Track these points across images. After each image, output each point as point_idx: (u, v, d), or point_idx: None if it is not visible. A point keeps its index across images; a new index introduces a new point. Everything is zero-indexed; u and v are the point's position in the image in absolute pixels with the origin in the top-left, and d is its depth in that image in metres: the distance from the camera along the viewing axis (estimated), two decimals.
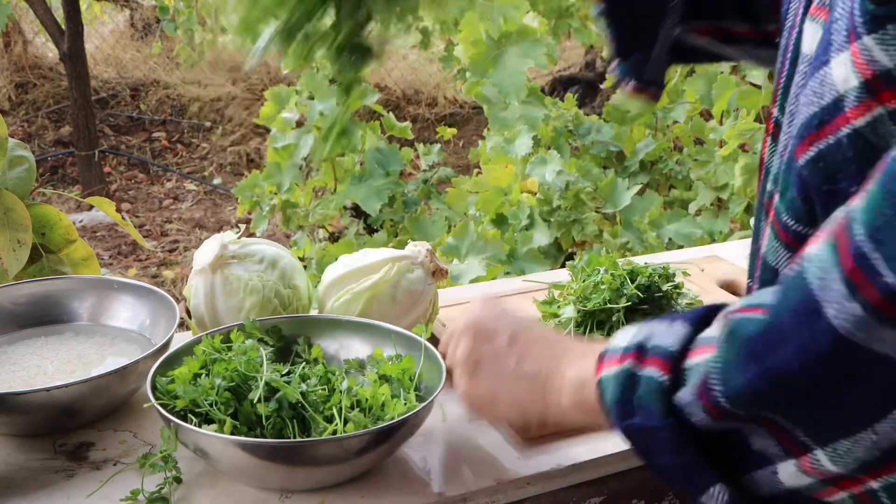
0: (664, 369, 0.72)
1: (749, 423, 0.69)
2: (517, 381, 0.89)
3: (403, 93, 7.26)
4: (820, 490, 0.69)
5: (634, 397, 0.74)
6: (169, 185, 6.10)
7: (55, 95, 6.90)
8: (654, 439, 0.73)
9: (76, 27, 5.52)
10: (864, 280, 0.59)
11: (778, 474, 0.70)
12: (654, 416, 0.72)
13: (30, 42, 7.21)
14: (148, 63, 7.43)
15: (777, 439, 0.69)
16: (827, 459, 0.66)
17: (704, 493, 0.72)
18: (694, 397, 0.70)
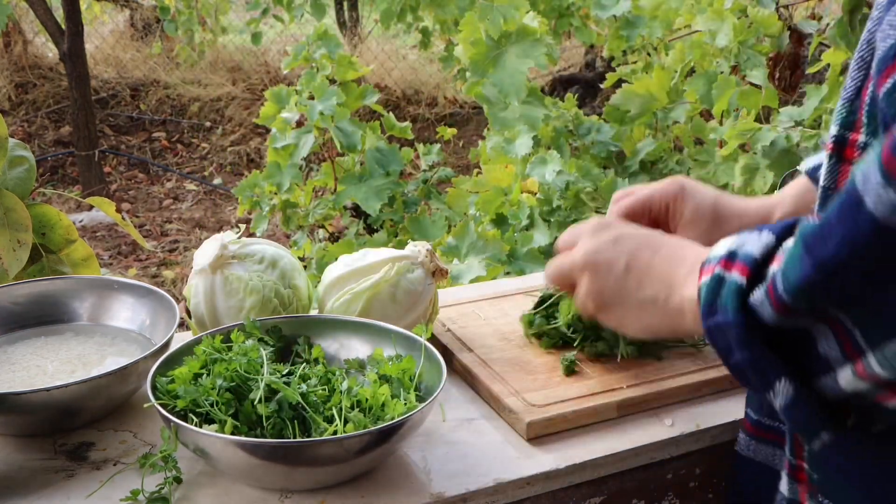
0: (745, 273, 0.79)
1: (814, 322, 0.74)
2: (641, 308, 0.95)
3: (403, 93, 7.26)
4: (876, 394, 0.74)
5: (718, 299, 0.80)
6: (169, 185, 6.11)
7: (55, 95, 6.90)
8: (730, 335, 0.78)
9: (76, 27, 5.52)
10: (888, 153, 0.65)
11: (838, 379, 0.75)
12: (729, 313, 0.78)
13: (30, 42, 7.22)
14: (148, 63, 7.44)
15: (839, 341, 0.73)
16: (876, 363, 0.71)
17: (772, 387, 0.78)
18: (764, 295, 0.76)
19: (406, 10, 5.96)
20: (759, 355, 0.77)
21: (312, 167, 4.12)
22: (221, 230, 2.96)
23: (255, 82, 7.23)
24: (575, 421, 1.09)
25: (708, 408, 1.15)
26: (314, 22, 6.32)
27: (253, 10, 6.52)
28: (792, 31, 3.33)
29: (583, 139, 3.27)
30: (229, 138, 6.72)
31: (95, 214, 5.36)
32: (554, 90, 6.51)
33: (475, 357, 1.22)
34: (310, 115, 3.31)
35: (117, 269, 4.78)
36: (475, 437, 1.08)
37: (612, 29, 3.90)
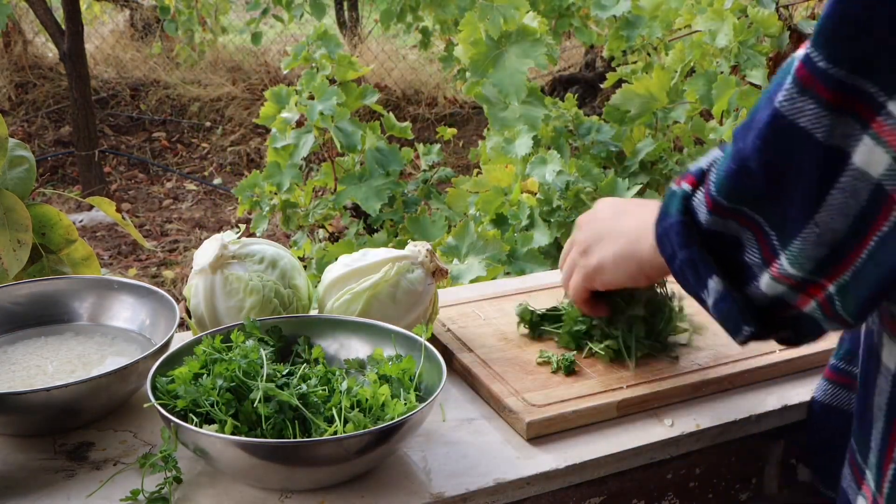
0: (691, 182, 0.85)
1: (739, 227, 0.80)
2: (619, 241, 1.05)
3: (403, 93, 7.26)
4: (795, 298, 0.79)
5: (667, 208, 0.87)
6: (169, 185, 6.10)
7: (55, 95, 6.90)
8: (673, 237, 0.85)
9: (76, 27, 5.52)
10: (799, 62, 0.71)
11: (761, 286, 0.80)
12: (673, 216, 0.85)
13: (30, 42, 7.22)
14: (148, 63, 7.44)
15: (759, 246, 0.79)
16: (787, 263, 0.76)
17: (705, 286, 0.84)
18: (701, 195, 0.82)
19: (406, 10, 5.96)
20: (695, 255, 0.83)
21: (312, 167, 4.12)
22: (221, 230, 2.96)
23: (255, 82, 7.23)
24: (575, 421, 1.09)
25: (708, 408, 1.15)
26: (314, 22, 6.32)
27: (253, 10, 6.52)
28: (792, 31, 3.33)
29: (583, 139, 3.27)
30: (229, 138, 6.72)
31: (95, 214, 5.36)
32: (554, 90, 6.51)
33: (475, 357, 1.22)
34: (310, 115, 3.30)
35: (117, 269, 4.78)
36: (475, 437, 1.08)
37: (612, 29, 3.90)
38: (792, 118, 0.71)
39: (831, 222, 0.72)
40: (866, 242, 0.71)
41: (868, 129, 0.68)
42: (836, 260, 0.73)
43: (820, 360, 1.24)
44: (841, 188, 0.70)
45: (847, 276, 0.73)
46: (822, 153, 0.70)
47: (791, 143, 0.72)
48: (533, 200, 2.82)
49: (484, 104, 3.11)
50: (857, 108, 0.68)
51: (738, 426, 1.13)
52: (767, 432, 1.17)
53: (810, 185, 0.72)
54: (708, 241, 0.83)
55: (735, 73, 3.16)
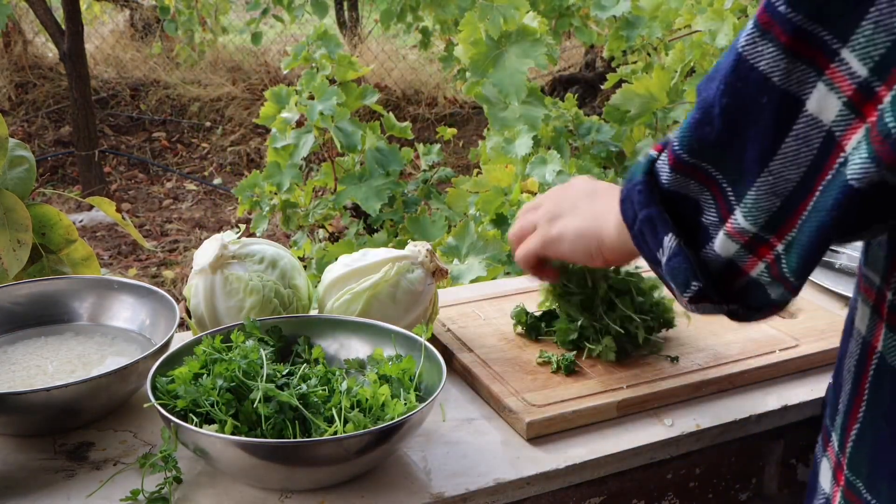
0: (658, 148, 0.86)
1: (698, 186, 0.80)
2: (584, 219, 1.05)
3: (403, 93, 7.26)
4: (745, 259, 0.79)
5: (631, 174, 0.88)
6: (169, 185, 6.11)
7: (55, 95, 6.90)
8: (634, 195, 0.86)
9: (76, 27, 5.52)
10: (762, 6, 0.71)
11: (715, 246, 0.80)
12: (636, 178, 0.86)
13: (30, 42, 7.22)
14: (148, 63, 7.44)
15: (716, 204, 0.79)
16: (742, 216, 0.76)
17: (661, 244, 0.84)
18: (665, 156, 0.83)
19: (406, 10, 5.96)
20: (654, 212, 0.84)
21: (312, 167, 4.11)
22: (221, 230, 2.96)
23: (255, 82, 7.23)
24: (575, 421, 1.09)
25: (708, 408, 1.15)
26: (314, 22, 6.33)
27: (253, 10, 6.52)
28: None
29: (583, 139, 3.27)
30: (229, 138, 6.72)
31: (95, 214, 5.36)
32: (554, 90, 6.51)
33: (475, 357, 1.22)
34: (310, 115, 3.30)
35: (117, 269, 4.78)
36: (475, 437, 1.08)
37: (612, 29, 3.90)
38: (753, 61, 0.72)
39: (785, 171, 0.73)
40: (812, 194, 0.72)
41: (822, 76, 0.69)
42: (785, 213, 0.74)
43: (820, 360, 1.25)
44: (794, 135, 0.71)
45: (794, 232, 0.74)
46: (778, 98, 0.71)
47: (750, 87, 0.72)
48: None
49: (484, 104, 3.11)
50: (812, 53, 0.69)
51: (738, 426, 1.13)
52: (767, 432, 1.18)
53: (766, 132, 0.72)
54: (667, 201, 0.84)
55: None
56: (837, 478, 0.87)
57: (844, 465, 0.86)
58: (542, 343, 1.26)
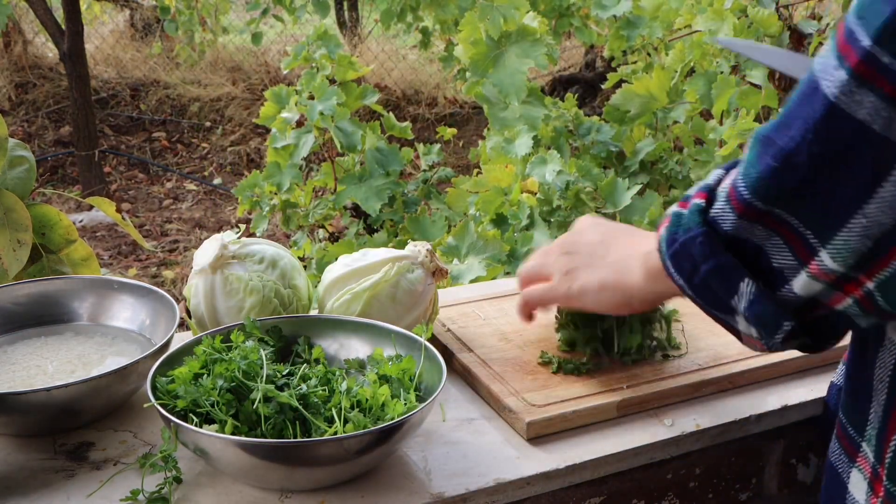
0: (702, 197, 0.86)
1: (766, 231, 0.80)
2: (606, 270, 1.05)
3: (403, 93, 7.26)
4: (829, 296, 0.79)
5: (679, 227, 0.87)
6: (169, 185, 6.11)
7: (55, 95, 6.90)
8: (694, 250, 0.85)
9: (76, 27, 5.52)
10: (848, 48, 0.72)
11: (794, 288, 0.80)
12: (693, 229, 0.85)
13: (30, 42, 7.22)
14: (148, 63, 7.44)
15: (790, 247, 0.79)
16: (829, 258, 0.76)
17: (737, 291, 0.83)
18: (725, 202, 0.82)
19: (406, 10, 5.96)
20: (724, 260, 0.83)
21: (312, 167, 4.11)
22: (221, 230, 2.96)
23: (255, 82, 7.23)
24: (575, 421, 1.09)
25: (708, 408, 1.15)
26: (314, 22, 6.32)
27: (253, 11, 6.52)
28: (792, 31, 3.33)
29: (583, 139, 3.27)
30: (229, 138, 6.72)
31: (95, 214, 5.36)
32: (554, 90, 6.51)
33: (475, 357, 1.22)
34: (310, 115, 3.30)
35: (117, 269, 4.78)
36: (475, 437, 1.08)
37: (613, 29, 3.90)
38: (850, 111, 0.72)
39: (880, 215, 0.73)
40: None
41: None
42: (877, 254, 0.74)
43: (820, 360, 1.25)
44: (894, 180, 0.72)
45: (888, 271, 0.75)
46: (879, 145, 0.72)
47: (845, 135, 0.73)
48: (533, 200, 2.82)
49: (484, 104, 3.11)
50: None
51: (738, 426, 1.13)
52: (767, 432, 1.17)
53: (862, 177, 0.73)
54: (732, 248, 0.83)
55: (735, 73, 3.16)
56: (876, 489, 0.87)
57: (884, 476, 0.86)
58: (543, 343, 1.26)
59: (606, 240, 1.09)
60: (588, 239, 1.11)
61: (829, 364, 1.25)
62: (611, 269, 1.05)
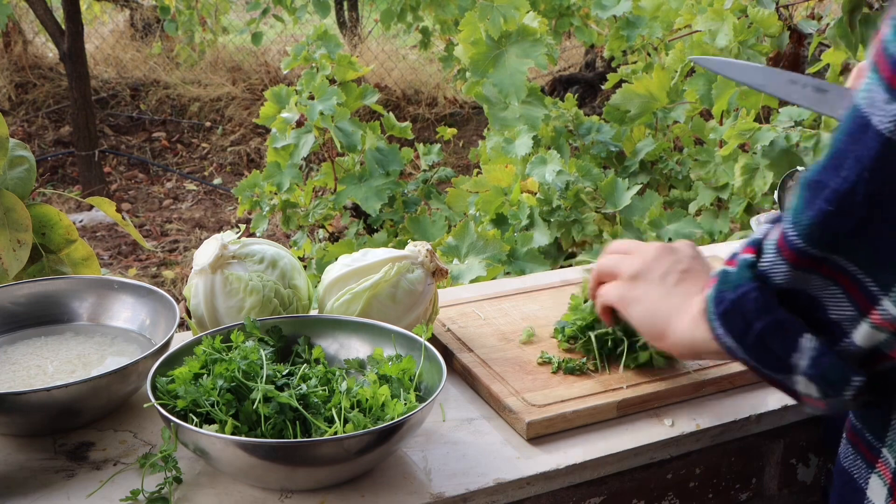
0: (750, 252, 0.82)
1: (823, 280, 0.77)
2: (665, 296, 1.02)
3: (403, 93, 7.26)
4: (893, 345, 0.75)
5: (727, 285, 0.84)
6: (169, 185, 6.11)
7: (55, 95, 6.90)
8: (747, 307, 0.81)
9: (76, 27, 5.52)
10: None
11: (854, 339, 0.76)
12: (744, 286, 0.81)
13: (30, 42, 7.22)
14: (148, 63, 7.44)
15: (849, 296, 0.75)
16: (892, 305, 0.73)
17: (797, 347, 0.79)
18: (775, 253, 0.78)
19: (406, 10, 5.97)
20: (780, 316, 0.79)
21: (312, 167, 4.12)
22: (221, 230, 2.96)
23: (255, 82, 7.23)
24: (575, 421, 1.09)
25: (708, 408, 1.15)
26: (314, 22, 6.33)
27: (253, 11, 6.52)
28: (792, 31, 3.33)
29: (583, 139, 3.27)
30: (229, 138, 6.72)
31: (95, 214, 5.36)
32: (554, 90, 6.51)
33: (475, 357, 1.22)
34: (310, 115, 3.31)
35: (117, 269, 4.78)
36: (475, 437, 1.08)
37: (613, 29, 3.90)
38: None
39: None
40: None
41: None
42: None
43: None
44: None
45: None
46: None
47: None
48: (533, 200, 2.82)
49: (484, 104, 3.11)
50: None
51: (738, 426, 1.13)
52: (767, 432, 1.17)
53: None
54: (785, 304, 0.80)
55: None
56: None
57: None
58: (543, 343, 1.26)
59: (691, 272, 1.04)
60: (673, 260, 1.06)
61: None
62: (669, 300, 1.02)
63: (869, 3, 2.65)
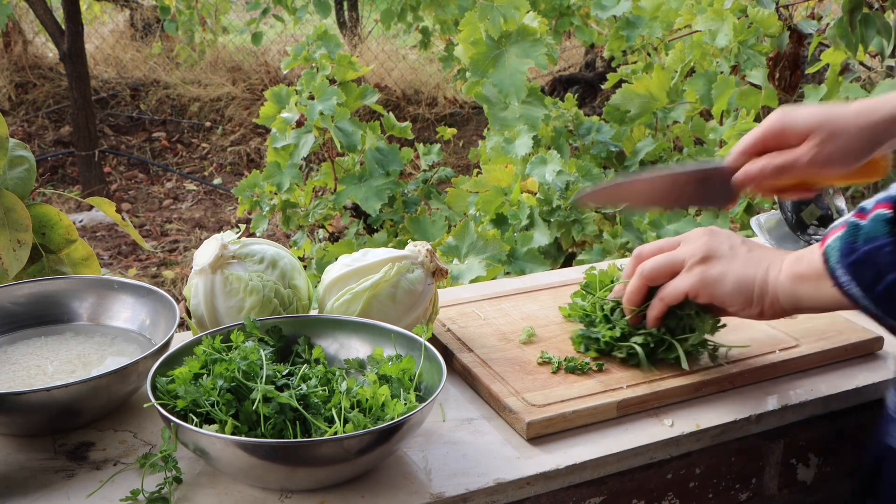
0: (887, 207, 0.84)
1: None
2: (746, 262, 1.07)
3: (403, 93, 7.26)
4: None
5: (859, 236, 0.86)
6: (169, 185, 6.11)
7: (55, 95, 6.90)
8: (879, 259, 0.84)
9: (76, 27, 5.52)
10: None
11: None
12: (878, 238, 0.84)
13: (30, 42, 7.22)
14: (148, 63, 7.44)
15: None
16: None
17: None
18: None
19: (406, 10, 5.96)
20: None
21: (312, 167, 4.12)
22: (221, 230, 2.96)
23: (255, 82, 7.23)
24: (575, 421, 1.09)
25: (708, 408, 1.15)
26: (314, 22, 6.33)
27: (253, 11, 6.52)
28: (792, 31, 3.33)
29: (583, 139, 3.27)
30: (229, 138, 6.72)
31: (95, 214, 5.37)
32: (554, 90, 6.51)
33: (475, 357, 1.22)
34: (310, 115, 3.30)
35: (117, 269, 4.78)
36: (475, 437, 1.08)
37: (613, 29, 3.90)
38: None
39: None
40: None
41: None
42: None
43: (820, 360, 1.25)
44: None
45: None
46: None
47: None
48: (533, 200, 2.82)
49: (484, 104, 3.11)
50: None
51: (738, 426, 1.13)
52: (767, 432, 1.18)
53: None
54: None
55: (735, 73, 3.16)
56: None
57: None
58: (543, 343, 1.26)
59: (745, 242, 1.09)
60: (727, 235, 1.11)
61: (829, 364, 1.25)
62: (751, 264, 1.06)
63: (869, 3, 2.65)
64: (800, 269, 1.01)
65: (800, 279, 1.00)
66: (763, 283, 1.05)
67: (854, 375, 1.23)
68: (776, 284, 1.04)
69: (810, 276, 0.98)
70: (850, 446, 1.26)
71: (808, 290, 0.99)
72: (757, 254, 1.08)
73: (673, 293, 1.13)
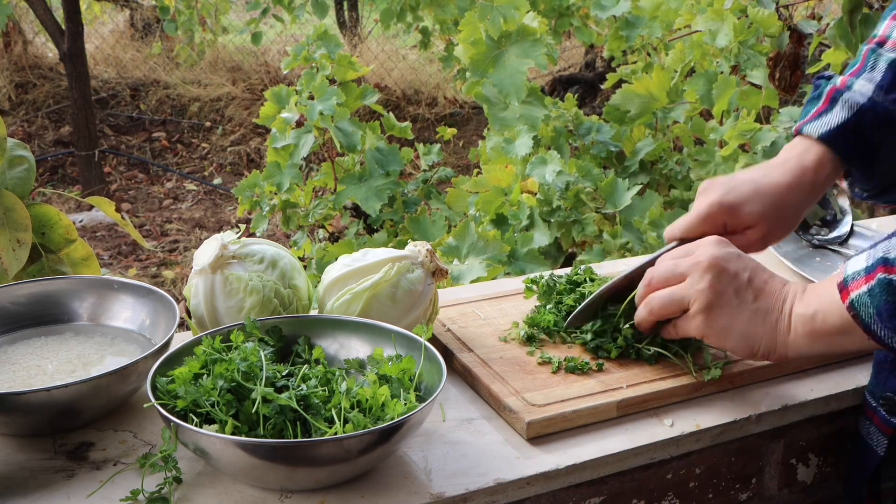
0: None
1: None
2: (753, 316, 1.07)
3: (403, 93, 7.26)
4: None
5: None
6: (169, 185, 6.11)
7: (55, 95, 6.90)
8: None
9: (76, 27, 5.52)
10: None
11: None
12: None
13: (30, 42, 7.22)
14: (148, 63, 7.44)
15: None
16: None
17: None
18: None
19: (406, 10, 5.97)
20: None
21: (312, 167, 4.11)
22: (221, 230, 2.96)
23: (255, 82, 7.23)
24: (575, 421, 1.09)
25: (708, 408, 1.15)
26: (314, 22, 6.33)
27: (253, 10, 6.53)
28: (792, 31, 3.33)
29: (583, 139, 3.27)
30: (229, 138, 6.72)
31: (95, 214, 5.36)
32: (554, 90, 6.51)
33: (475, 357, 1.22)
34: (310, 115, 3.30)
35: (117, 269, 4.78)
36: (475, 437, 1.08)
37: (612, 29, 3.90)
38: None
39: None
40: None
41: None
42: None
43: (819, 360, 1.25)
44: None
45: None
46: None
47: None
48: (533, 200, 2.82)
49: (484, 104, 3.11)
50: None
51: (738, 426, 1.13)
52: (767, 432, 1.18)
53: None
54: None
55: (735, 73, 3.16)
56: None
57: None
58: (543, 343, 1.26)
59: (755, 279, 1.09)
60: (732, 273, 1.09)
61: (829, 364, 1.25)
62: (757, 319, 1.07)
63: (869, 3, 2.65)
64: (816, 327, 1.03)
65: (818, 337, 1.03)
66: (770, 340, 1.07)
67: (854, 375, 1.23)
68: (787, 343, 1.06)
69: (832, 332, 1.00)
70: (850, 446, 1.26)
71: (828, 345, 1.03)
72: (764, 303, 1.07)
73: (683, 333, 1.15)
